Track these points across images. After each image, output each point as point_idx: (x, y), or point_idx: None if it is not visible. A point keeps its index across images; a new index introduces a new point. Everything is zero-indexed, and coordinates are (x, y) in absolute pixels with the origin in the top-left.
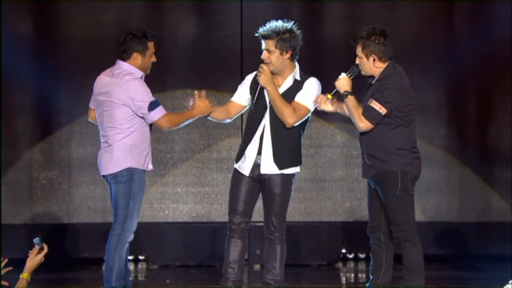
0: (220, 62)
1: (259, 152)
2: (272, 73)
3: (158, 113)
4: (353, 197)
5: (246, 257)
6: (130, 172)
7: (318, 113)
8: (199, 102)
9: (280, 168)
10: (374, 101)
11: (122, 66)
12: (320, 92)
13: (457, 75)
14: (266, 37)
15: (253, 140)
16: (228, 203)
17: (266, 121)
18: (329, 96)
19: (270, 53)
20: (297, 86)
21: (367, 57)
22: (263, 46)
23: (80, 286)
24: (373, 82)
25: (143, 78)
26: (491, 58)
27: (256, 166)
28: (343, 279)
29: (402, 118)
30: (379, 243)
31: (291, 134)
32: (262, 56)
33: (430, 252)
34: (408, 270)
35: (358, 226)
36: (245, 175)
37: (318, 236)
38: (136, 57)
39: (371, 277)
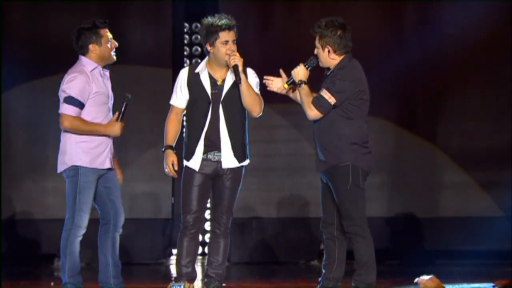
0: None
1: (216, 149)
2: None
3: (66, 110)
4: None
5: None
6: (75, 168)
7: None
8: (113, 123)
9: (240, 162)
10: (324, 90)
11: (80, 60)
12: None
13: (406, 74)
14: (232, 27)
15: (202, 136)
16: (182, 202)
17: (216, 116)
18: (285, 85)
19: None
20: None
21: (323, 48)
22: (227, 37)
23: None
24: (328, 73)
25: (100, 69)
26: (439, 58)
27: (212, 163)
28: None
29: (353, 111)
30: (332, 238)
31: (243, 126)
32: (233, 47)
33: (381, 247)
34: (359, 264)
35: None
36: (198, 174)
37: (297, 232)
38: (93, 48)
39: (323, 271)
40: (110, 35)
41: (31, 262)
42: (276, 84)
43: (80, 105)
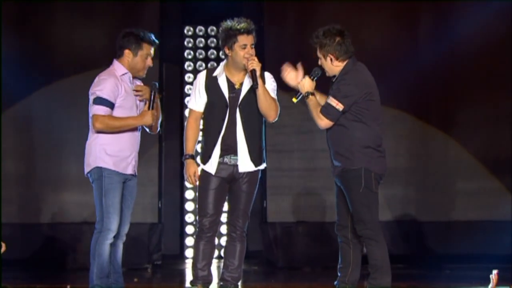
0: None
1: (233, 152)
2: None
3: (97, 110)
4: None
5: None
6: (99, 170)
7: None
8: (145, 113)
9: (256, 165)
10: (331, 98)
11: (112, 64)
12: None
13: (420, 76)
14: (251, 31)
15: (219, 140)
16: (198, 205)
17: (233, 120)
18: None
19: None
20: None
21: (325, 57)
22: (245, 41)
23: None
24: (334, 80)
25: (130, 77)
26: (453, 60)
27: (229, 166)
28: None
29: (363, 114)
30: (347, 241)
31: (260, 130)
32: (251, 51)
33: (395, 250)
34: (373, 268)
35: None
36: (214, 177)
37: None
38: (128, 54)
39: (339, 274)
40: (151, 53)
41: (47, 265)
42: (290, 76)
43: (110, 105)
